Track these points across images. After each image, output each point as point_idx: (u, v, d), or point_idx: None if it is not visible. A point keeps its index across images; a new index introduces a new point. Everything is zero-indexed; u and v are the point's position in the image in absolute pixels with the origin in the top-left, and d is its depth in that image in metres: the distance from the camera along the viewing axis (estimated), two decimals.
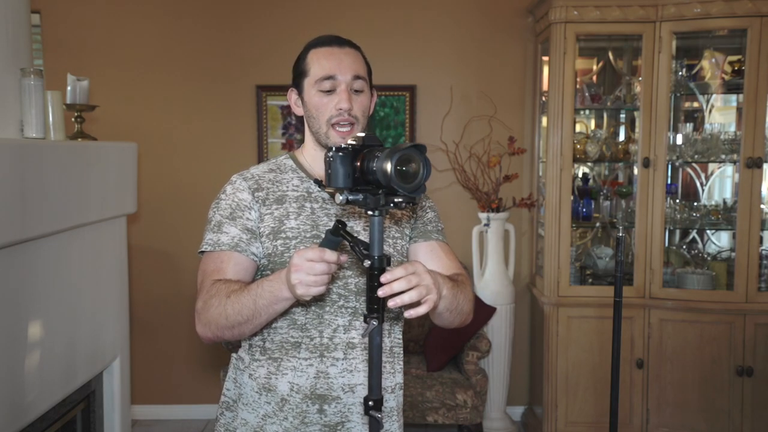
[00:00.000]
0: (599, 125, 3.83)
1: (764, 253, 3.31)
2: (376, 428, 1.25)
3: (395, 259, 1.51)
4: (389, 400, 1.54)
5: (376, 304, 1.20)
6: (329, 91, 1.47)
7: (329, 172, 1.22)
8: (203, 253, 1.50)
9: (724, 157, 3.34)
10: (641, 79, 3.27)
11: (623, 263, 2.14)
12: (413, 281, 1.20)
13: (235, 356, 1.60)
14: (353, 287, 1.46)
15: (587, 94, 3.52)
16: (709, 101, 3.64)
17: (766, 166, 3.23)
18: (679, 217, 3.42)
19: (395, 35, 3.78)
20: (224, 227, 1.48)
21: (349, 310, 1.46)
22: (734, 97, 3.59)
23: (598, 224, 3.70)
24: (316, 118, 1.49)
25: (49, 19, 3.76)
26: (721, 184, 3.73)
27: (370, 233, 1.22)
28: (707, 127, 3.48)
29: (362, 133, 1.27)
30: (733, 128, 3.51)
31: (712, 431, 3.23)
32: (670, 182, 3.46)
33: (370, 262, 1.20)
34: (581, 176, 3.81)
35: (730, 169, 3.61)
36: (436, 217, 1.62)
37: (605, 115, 3.81)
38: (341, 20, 3.75)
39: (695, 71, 3.52)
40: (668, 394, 3.28)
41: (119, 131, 3.64)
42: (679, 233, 3.68)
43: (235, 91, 3.82)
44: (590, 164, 3.78)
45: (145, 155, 3.68)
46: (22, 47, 2.39)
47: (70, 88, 2.65)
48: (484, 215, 3.62)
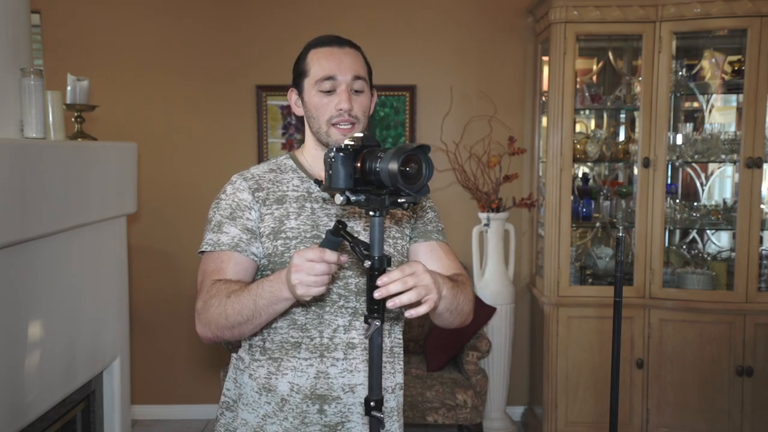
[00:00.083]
0: (599, 125, 3.83)
1: (764, 253, 3.31)
2: (376, 428, 1.25)
3: (395, 259, 1.51)
4: (389, 400, 1.54)
5: (376, 304, 1.20)
6: (329, 91, 1.47)
7: (330, 173, 1.21)
8: (203, 253, 1.50)
9: (724, 157, 3.34)
10: (641, 79, 3.27)
11: (623, 263, 2.14)
12: (410, 282, 1.19)
13: (235, 356, 1.60)
14: (353, 287, 1.46)
15: (587, 94, 3.52)
16: (709, 101, 3.64)
17: (766, 166, 3.23)
18: (679, 217, 3.42)
19: (395, 35, 3.78)
20: (224, 227, 1.48)
21: (349, 310, 1.46)
22: (734, 97, 3.59)
23: (598, 224, 3.70)
24: (316, 118, 1.49)
25: (49, 19, 3.76)
26: (721, 184, 3.73)
27: (370, 233, 1.22)
28: (707, 127, 3.48)
29: (360, 133, 1.27)
30: (733, 128, 3.51)
31: (712, 431, 3.23)
32: (670, 182, 3.46)
33: (370, 262, 1.20)
34: (581, 176, 3.81)
35: (730, 169, 3.61)
36: (436, 217, 1.62)
37: (605, 115, 3.81)
38: (341, 20, 3.75)
39: (695, 71, 3.52)
40: (668, 394, 3.28)
41: (119, 131, 3.64)
42: (679, 233, 3.68)
43: (235, 91, 3.82)
44: (590, 164, 3.78)
45: (145, 155, 3.68)
46: (22, 47, 2.39)
47: (70, 88, 2.65)
48: (484, 215, 3.62)
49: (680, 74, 3.38)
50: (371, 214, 1.21)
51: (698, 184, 3.70)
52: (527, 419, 3.81)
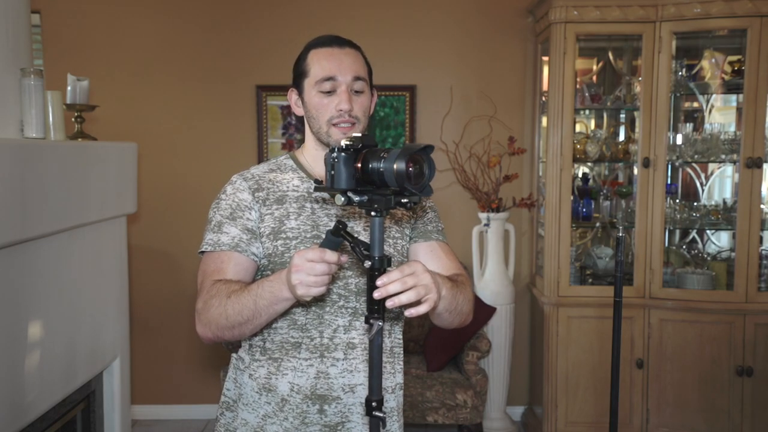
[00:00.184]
0: (599, 125, 3.83)
1: (764, 253, 3.31)
2: (376, 428, 1.25)
3: (395, 259, 1.51)
4: (389, 400, 1.54)
5: (376, 304, 1.20)
6: (329, 92, 1.46)
7: (332, 173, 1.21)
8: (203, 253, 1.50)
9: (724, 157, 3.34)
10: (641, 79, 3.27)
11: (623, 263, 2.14)
12: (409, 282, 1.20)
13: (235, 356, 1.60)
14: (353, 287, 1.46)
15: (587, 94, 3.52)
16: (709, 101, 3.64)
17: (766, 166, 3.23)
18: (679, 217, 3.42)
19: (395, 35, 3.78)
20: (224, 227, 1.48)
21: (349, 310, 1.46)
22: (734, 97, 3.59)
23: (598, 224, 3.70)
24: (316, 118, 1.49)
25: (49, 19, 3.76)
26: (721, 184, 3.73)
27: (370, 234, 1.22)
28: (707, 127, 3.48)
29: (358, 133, 1.27)
30: (733, 128, 3.51)
31: (712, 431, 3.23)
32: (670, 182, 3.46)
33: (370, 262, 1.20)
34: (581, 176, 3.81)
35: (730, 169, 3.61)
36: (436, 217, 1.62)
37: (605, 115, 3.81)
38: (341, 20, 3.75)
39: (695, 71, 3.52)
40: (668, 394, 3.28)
41: (119, 131, 3.64)
42: (679, 233, 3.68)
43: (235, 91, 3.82)
44: (590, 164, 3.78)
45: (145, 155, 3.68)
46: (22, 47, 2.39)
47: (70, 88, 2.65)
48: (484, 215, 3.62)
49: (680, 74, 3.38)
50: (372, 214, 1.21)
51: (698, 184, 3.70)
52: (527, 419, 3.81)
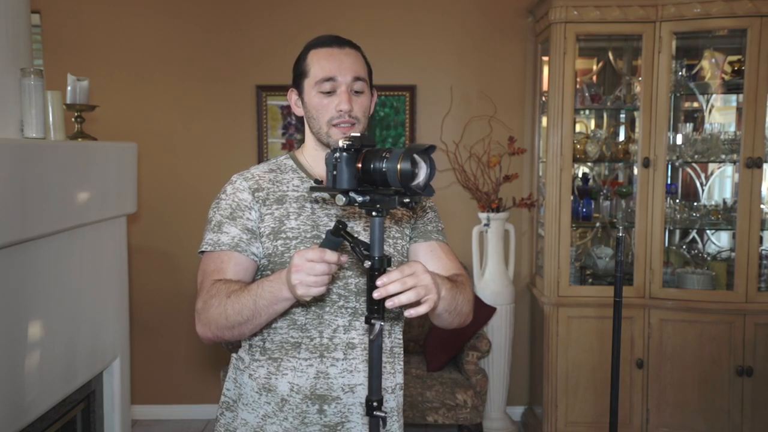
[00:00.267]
0: (599, 125, 3.83)
1: (764, 253, 3.31)
2: (376, 428, 1.25)
3: (395, 259, 1.51)
4: (389, 400, 1.54)
5: (376, 304, 1.20)
6: (329, 92, 1.46)
7: (334, 173, 1.21)
8: (203, 253, 1.50)
9: (724, 157, 3.34)
10: (641, 79, 3.27)
11: (623, 263, 2.14)
12: (408, 283, 1.20)
13: (235, 356, 1.60)
14: (353, 288, 1.46)
15: (587, 94, 3.52)
16: (709, 101, 3.64)
17: (766, 166, 3.23)
18: (679, 217, 3.42)
19: (395, 35, 3.78)
20: (224, 227, 1.48)
21: (349, 310, 1.46)
22: (734, 97, 3.59)
23: (598, 224, 3.70)
24: (316, 118, 1.49)
25: (49, 19, 3.76)
26: (721, 184, 3.73)
27: (370, 234, 1.22)
28: (707, 127, 3.48)
29: (357, 133, 1.27)
30: (733, 128, 3.51)
31: (712, 431, 3.23)
32: (670, 182, 3.46)
33: (370, 262, 1.20)
34: (581, 176, 3.81)
35: (730, 169, 3.61)
36: (436, 217, 1.62)
37: (605, 115, 3.81)
38: (341, 20, 3.75)
39: (695, 71, 3.52)
40: (668, 394, 3.28)
41: (119, 131, 3.64)
42: (679, 233, 3.68)
43: (235, 91, 3.82)
44: (590, 164, 3.78)
45: (145, 155, 3.68)
46: (22, 47, 2.39)
47: (70, 88, 2.65)
48: (484, 215, 3.62)
49: (680, 74, 3.38)
50: (373, 214, 1.21)
51: (698, 184, 3.70)
52: (527, 419, 3.81)
